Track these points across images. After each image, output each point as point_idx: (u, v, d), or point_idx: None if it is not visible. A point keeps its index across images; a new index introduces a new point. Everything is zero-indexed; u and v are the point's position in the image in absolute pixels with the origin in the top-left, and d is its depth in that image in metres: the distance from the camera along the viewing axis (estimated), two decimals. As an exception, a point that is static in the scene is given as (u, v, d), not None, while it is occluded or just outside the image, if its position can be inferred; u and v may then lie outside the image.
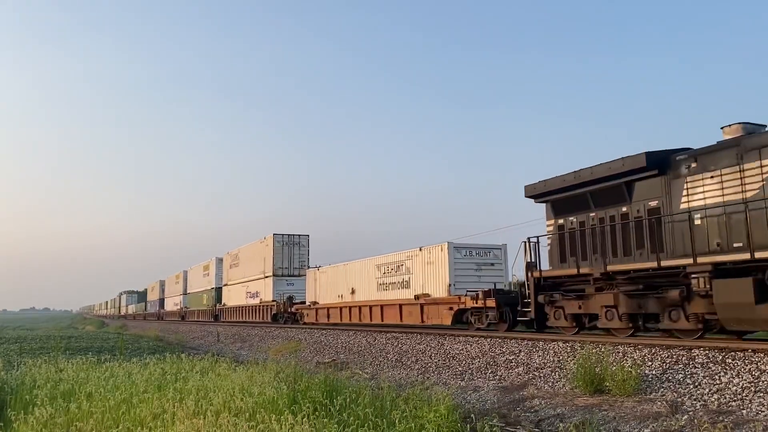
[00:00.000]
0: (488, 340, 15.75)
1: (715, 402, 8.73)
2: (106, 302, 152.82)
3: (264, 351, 24.30)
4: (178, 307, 63.73)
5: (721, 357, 10.31)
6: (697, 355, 10.69)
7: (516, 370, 12.92)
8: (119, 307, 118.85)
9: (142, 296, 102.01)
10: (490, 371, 13.35)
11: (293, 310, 32.80)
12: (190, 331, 43.40)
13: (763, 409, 8.10)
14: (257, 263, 39.20)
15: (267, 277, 37.08)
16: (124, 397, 9.14)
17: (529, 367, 12.78)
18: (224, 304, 46.67)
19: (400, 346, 18.25)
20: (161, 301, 75.66)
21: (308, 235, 38.55)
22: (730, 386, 9.12)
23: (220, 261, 49.57)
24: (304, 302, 32.46)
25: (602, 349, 11.52)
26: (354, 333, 22.42)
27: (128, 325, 66.70)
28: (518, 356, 13.69)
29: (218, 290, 48.82)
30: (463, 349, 15.64)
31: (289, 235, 37.51)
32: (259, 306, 37.72)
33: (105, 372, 12.01)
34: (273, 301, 35.20)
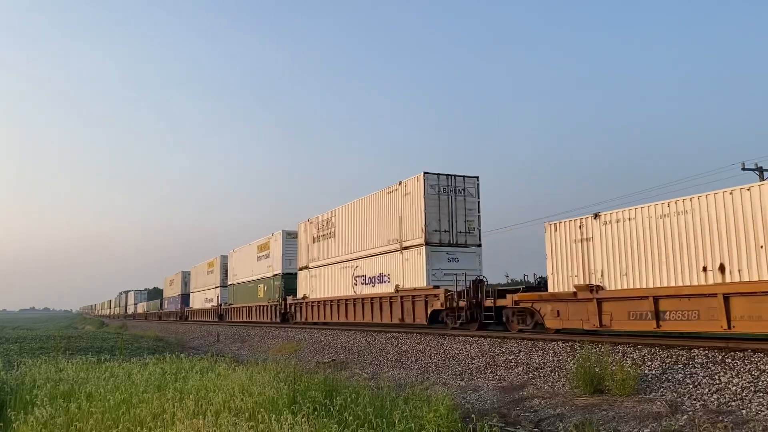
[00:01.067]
0: (488, 340, 15.75)
1: (715, 402, 8.73)
2: (110, 301, 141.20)
3: (264, 351, 24.31)
4: (213, 304, 49.19)
5: (720, 357, 10.32)
6: (697, 355, 10.70)
7: (516, 370, 12.92)
8: (125, 306, 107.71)
9: (153, 293, 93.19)
10: (489, 371, 13.36)
11: (504, 303, 17.29)
12: (189, 330, 43.41)
13: (762, 409, 8.10)
14: (381, 227, 24.12)
15: (410, 248, 21.70)
16: (124, 397, 9.13)
17: (529, 367, 12.78)
18: (304, 297, 31.35)
19: (399, 346, 18.26)
20: (185, 297, 61.51)
21: (477, 177, 22.35)
22: (729, 386, 9.13)
23: (291, 236, 34.48)
24: (533, 286, 17.70)
25: (602, 349, 11.52)
26: (354, 333, 22.42)
27: (128, 325, 66.67)
28: (518, 356, 13.70)
29: (288, 277, 33.78)
30: (462, 349, 15.65)
31: (447, 175, 21.80)
32: (394, 298, 22.45)
33: (105, 372, 12.01)
34: (432, 288, 20.31)
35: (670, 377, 10.14)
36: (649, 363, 10.98)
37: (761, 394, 8.54)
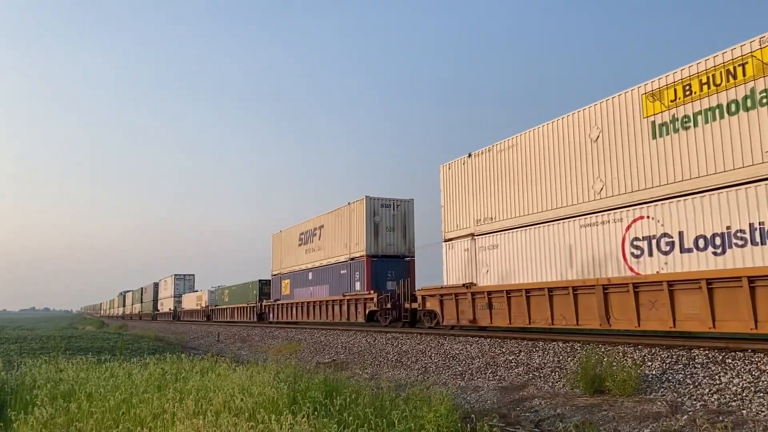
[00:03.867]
0: (488, 340, 15.75)
1: (715, 402, 8.73)
2: (122, 297, 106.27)
3: (264, 351, 24.31)
4: None
5: (721, 357, 10.31)
6: (697, 355, 10.69)
7: (516, 370, 12.91)
8: (155, 301, 75.00)
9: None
10: (490, 371, 13.35)
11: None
12: (189, 330, 43.42)
13: (763, 409, 8.09)
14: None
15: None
16: (124, 397, 9.13)
17: (529, 367, 12.78)
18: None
19: (400, 346, 18.25)
20: (372, 265, 25.65)
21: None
22: (730, 386, 9.12)
23: None
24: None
25: (602, 349, 11.52)
26: (354, 333, 22.42)
27: (128, 325, 66.57)
28: (518, 356, 13.69)
29: None
30: (463, 349, 15.64)
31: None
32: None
33: (105, 372, 12.00)
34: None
35: (670, 377, 10.13)
36: (650, 363, 10.97)
37: (761, 395, 8.54)
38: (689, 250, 12.10)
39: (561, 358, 12.72)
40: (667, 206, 12.57)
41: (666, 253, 12.55)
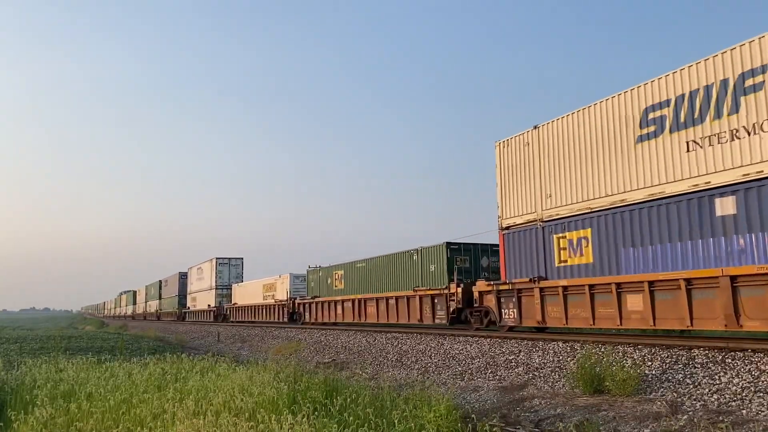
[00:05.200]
0: (488, 340, 15.76)
1: (715, 402, 8.73)
2: (131, 294, 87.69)
3: (264, 351, 24.32)
4: None
5: (720, 357, 10.32)
6: (697, 355, 10.70)
7: (516, 370, 12.92)
8: (180, 297, 54.35)
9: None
10: (489, 371, 13.36)
11: None
12: (189, 330, 43.42)
13: (763, 409, 8.10)
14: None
15: None
16: (124, 397, 9.14)
17: (529, 367, 12.78)
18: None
19: (400, 346, 18.27)
20: None
21: None
22: (729, 386, 9.13)
23: None
24: None
25: (602, 349, 11.52)
26: (354, 333, 22.43)
27: (128, 326, 66.56)
28: (518, 356, 13.70)
29: None
30: (462, 349, 15.66)
31: None
32: None
33: (105, 372, 12.01)
34: None
35: (670, 377, 10.14)
36: (649, 363, 10.98)
37: (761, 395, 8.54)
38: None
39: (561, 358, 12.72)
40: None
41: None
